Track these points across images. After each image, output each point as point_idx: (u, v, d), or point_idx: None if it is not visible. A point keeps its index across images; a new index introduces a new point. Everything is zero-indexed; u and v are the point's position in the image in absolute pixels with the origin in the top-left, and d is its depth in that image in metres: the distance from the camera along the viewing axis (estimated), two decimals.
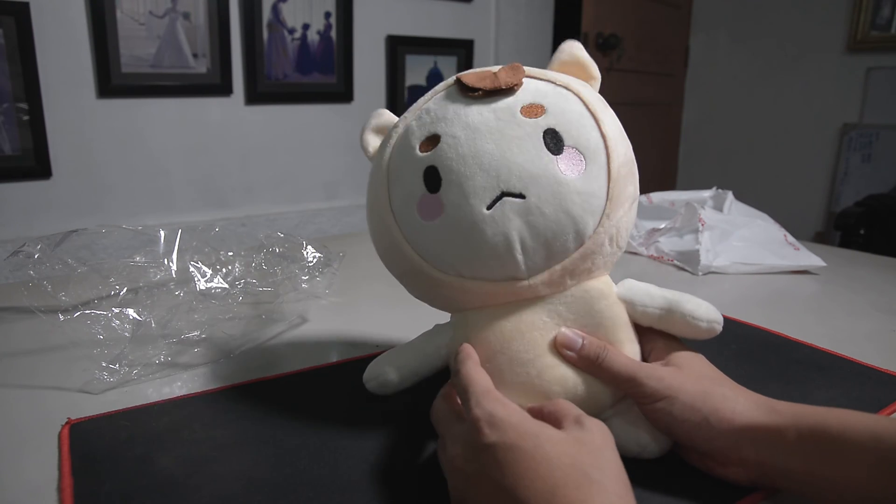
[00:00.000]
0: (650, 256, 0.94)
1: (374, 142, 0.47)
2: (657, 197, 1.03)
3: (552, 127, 0.40)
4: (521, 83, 0.42)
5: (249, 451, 0.42)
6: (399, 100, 1.88)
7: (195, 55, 1.56)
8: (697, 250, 0.86)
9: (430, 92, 0.46)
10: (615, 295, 0.43)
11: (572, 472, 0.30)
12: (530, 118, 0.40)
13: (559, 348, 0.41)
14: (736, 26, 2.78)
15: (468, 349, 0.41)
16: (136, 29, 1.46)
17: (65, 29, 1.39)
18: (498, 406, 0.34)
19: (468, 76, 0.42)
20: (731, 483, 0.38)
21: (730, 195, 1.00)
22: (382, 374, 0.44)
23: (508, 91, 0.41)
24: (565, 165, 0.39)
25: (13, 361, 0.57)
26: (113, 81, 1.45)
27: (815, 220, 2.59)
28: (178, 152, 1.61)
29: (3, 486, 0.39)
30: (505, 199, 0.39)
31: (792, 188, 2.62)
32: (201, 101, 1.61)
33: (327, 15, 1.74)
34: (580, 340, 0.41)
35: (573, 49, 0.46)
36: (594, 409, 0.41)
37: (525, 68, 0.43)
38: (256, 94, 1.67)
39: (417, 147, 0.42)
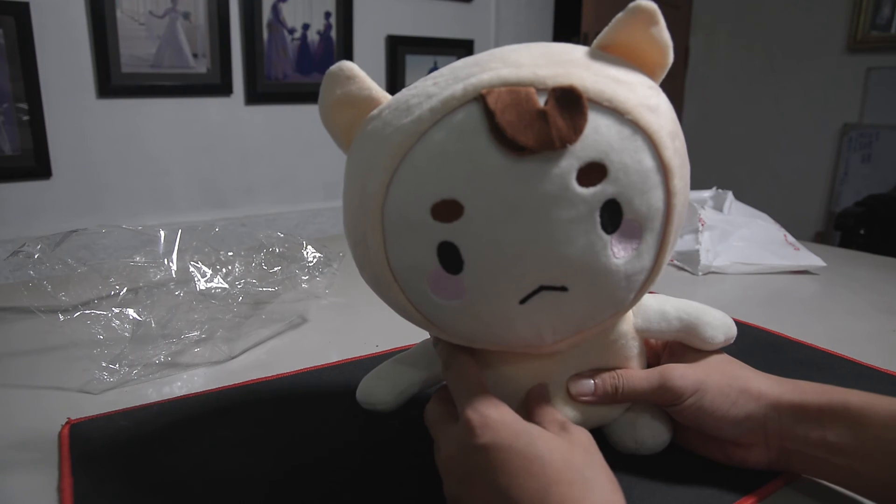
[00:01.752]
0: None
1: (342, 123, 0.36)
2: None
3: (613, 198, 0.31)
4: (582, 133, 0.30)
5: (249, 451, 0.42)
6: None
7: (195, 55, 1.56)
8: (697, 250, 0.86)
9: (433, 92, 0.32)
10: (633, 330, 0.40)
11: (565, 470, 0.30)
12: (587, 188, 0.30)
13: (575, 399, 0.39)
14: (736, 26, 2.78)
15: (458, 348, 0.39)
16: (136, 29, 1.46)
17: (65, 29, 1.39)
18: (490, 407, 0.34)
19: (505, 112, 0.29)
20: (748, 467, 0.39)
21: (730, 195, 1.00)
22: (378, 403, 0.41)
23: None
24: (619, 246, 0.32)
25: (13, 361, 0.57)
26: (113, 81, 1.45)
27: (815, 220, 2.58)
28: (178, 152, 1.61)
29: (3, 486, 0.39)
30: (543, 291, 0.32)
31: (792, 188, 2.62)
32: (201, 101, 1.61)
33: (327, 15, 1.73)
34: (591, 383, 0.39)
35: (650, 25, 0.33)
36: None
37: (581, 86, 0.30)
38: (256, 94, 1.67)
39: (428, 209, 0.31)
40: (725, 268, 0.85)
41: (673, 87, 2.94)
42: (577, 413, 0.40)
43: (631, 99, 0.31)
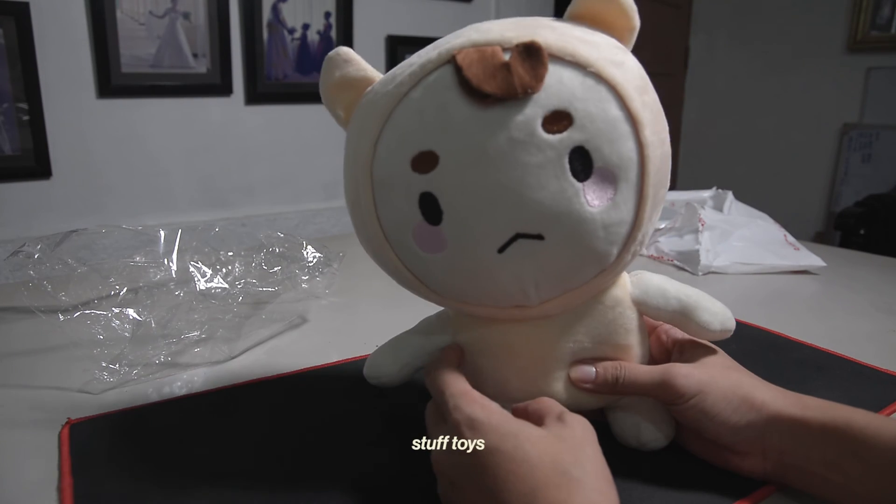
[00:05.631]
0: (650, 256, 0.94)
1: (342, 102, 0.39)
2: None
3: (580, 145, 0.32)
4: (543, 82, 0.32)
5: (249, 451, 0.42)
6: None
7: (195, 55, 1.56)
8: (697, 250, 0.86)
9: (414, 61, 0.35)
10: (629, 299, 0.40)
11: (553, 472, 0.30)
12: (554, 134, 0.32)
13: (575, 385, 0.40)
14: (736, 26, 2.78)
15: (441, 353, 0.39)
16: (136, 29, 1.46)
17: (65, 29, 1.39)
18: (477, 408, 0.33)
19: (471, 66, 0.32)
20: (743, 475, 0.38)
21: (730, 195, 1.00)
22: (382, 376, 0.43)
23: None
24: (592, 194, 0.33)
25: (13, 361, 0.57)
26: (113, 81, 1.45)
27: (815, 220, 2.59)
28: (178, 152, 1.61)
29: (3, 486, 0.39)
30: (520, 240, 0.33)
31: (792, 188, 2.62)
32: (201, 101, 1.61)
33: (327, 15, 1.74)
34: (592, 371, 0.40)
35: None
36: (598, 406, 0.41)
37: (543, 42, 0.32)
38: (256, 94, 1.67)
39: (408, 162, 0.33)
40: (725, 268, 0.85)
41: (673, 87, 2.94)
42: (571, 390, 0.40)
43: (594, 54, 0.33)
